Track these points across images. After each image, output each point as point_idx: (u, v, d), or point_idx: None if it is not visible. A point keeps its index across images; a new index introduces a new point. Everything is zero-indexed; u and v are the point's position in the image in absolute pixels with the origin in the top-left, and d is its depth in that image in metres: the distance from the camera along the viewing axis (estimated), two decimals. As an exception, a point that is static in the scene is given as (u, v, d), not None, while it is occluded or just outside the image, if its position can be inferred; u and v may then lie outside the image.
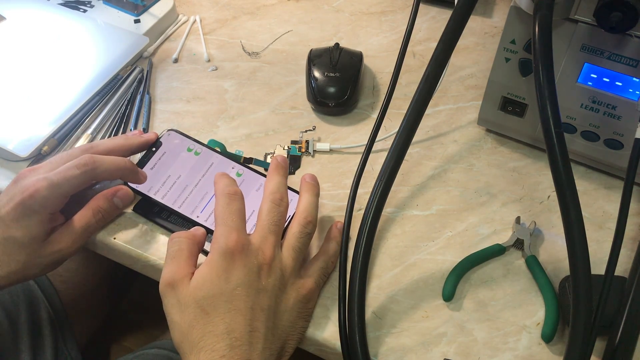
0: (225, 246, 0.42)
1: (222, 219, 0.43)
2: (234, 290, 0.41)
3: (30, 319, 0.66)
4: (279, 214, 0.46)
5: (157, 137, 0.55)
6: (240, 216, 0.44)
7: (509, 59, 0.52)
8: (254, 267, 0.42)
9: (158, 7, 0.72)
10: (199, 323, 0.40)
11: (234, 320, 0.40)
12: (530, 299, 0.48)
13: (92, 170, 0.47)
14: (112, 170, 0.48)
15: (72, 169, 0.46)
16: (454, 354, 0.45)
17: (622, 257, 0.45)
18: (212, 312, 0.40)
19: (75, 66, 0.65)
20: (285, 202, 0.47)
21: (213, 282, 0.41)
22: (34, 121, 0.59)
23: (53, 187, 0.46)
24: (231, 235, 0.42)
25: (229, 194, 0.45)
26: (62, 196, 0.47)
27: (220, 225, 0.43)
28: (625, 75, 0.48)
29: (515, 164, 0.58)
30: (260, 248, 0.43)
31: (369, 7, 0.76)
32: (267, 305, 0.42)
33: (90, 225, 0.49)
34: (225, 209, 0.44)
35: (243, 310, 0.40)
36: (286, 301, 0.44)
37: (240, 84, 0.66)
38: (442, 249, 0.52)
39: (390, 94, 0.53)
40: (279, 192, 0.47)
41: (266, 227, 0.45)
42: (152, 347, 0.68)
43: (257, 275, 0.42)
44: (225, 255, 0.41)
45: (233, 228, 0.43)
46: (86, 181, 0.47)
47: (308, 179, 0.50)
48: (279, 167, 0.49)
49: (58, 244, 0.48)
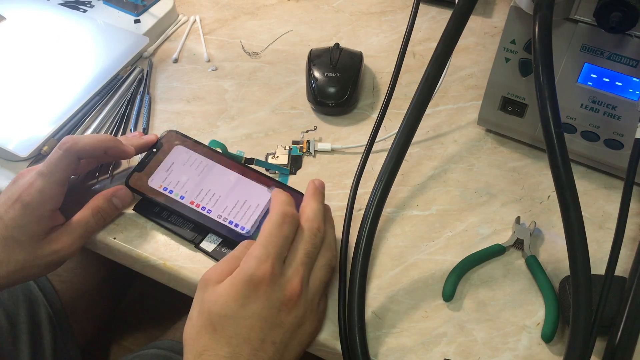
0: (255, 273, 0.40)
1: (266, 240, 0.41)
2: (247, 319, 0.39)
3: (29, 319, 0.66)
4: (314, 246, 0.43)
5: (157, 139, 0.55)
6: (284, 244, 0.42)
7: (509, 59, 0.52)
8: (277, 302, 0.40)
9: (158, 7, 0.72)
10: (206, 335, 0.40)
11: (240, 346, 0.39)
12: (530, 299, 0.48)
13: (73, 145, 0.47)
14: (94, 143, 0.48)
15: (56, 151, 0.47)
16: (454, 354, 0.45)
17: (622, 257, 0.45)
18: (220, 331, 0.39)
19: (75, 66, 0.65)
20: (322, 232, 0.44)
21: (229, 303, 0.40)
22: (34, 121, 0.59)
23: (44, 176, 0.46)
24: (265, 263, 0.40)
25: (286, 215, 0.42)
26: (56, 184, 0.47)
27: (260, 246, 0.41)
28: (625, 75, 0.48)
29: (515, 164, 0.58)
30: (290, 281, 0.41)
31: (369, 7, 0.76)
32: (279, 340, 0.40)
33: (89, 225, 0.49)
34: (274, 230, 0.42)
35: (253, 340, 0.39)
36: (301, 336, 0.42)
37: (240, 84, 0.66)
38: (442, 249, 0.52)
39: (390, 94, 0.53)
40: (317, 220, 0.44)
41: (299, 260, 0.42)
42: (152, 347, 0.68)
43: (277, 310, 0.40)
44: (250, 282, 0.40)
45: (270, 255, 0.40)
46: (72, 159, 0.47)
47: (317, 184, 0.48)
48: (317, 192, 0.46)
49: (57, 244, 0.48)
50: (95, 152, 0.49)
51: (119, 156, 0.52)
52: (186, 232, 0.51)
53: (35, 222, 0.46)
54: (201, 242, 0.51)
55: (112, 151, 0.50)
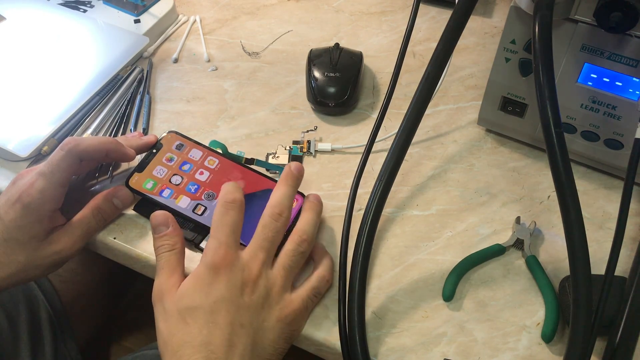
0: (212, 261, 0.42)
1: (215, 230, 0.44)
2: (214, 305, 0.41)
3: (29, 319, 0.66)
4: (274, 231, 0.45)
5: (156, 139, 0.55)
6: (232, 229, 0.43)
7: (509, 59, 0.52)
8: (238, 283, 0.42)
9: (158, 7, 0.72)
10: (179, 332, 0.40)
11: (211, 333, 0.40)
12: (530, 299, 0.48)
13: (75, 146, 0.47)
14: (96, 144, 0.48)
15: (57, 151, 0.47)
16: (454, 354, 0.45)
17: (622, 257, 0.45)
18: (192, 323, 0.40)
19: (75, 66, 0.65)
20: (284, 217, 0.45)
21: (195, 294, 0.41)
22: (34, 121, 0.59)
23: (45, 176, 0.46)
24: (219, 250, 0.42)
25: (226, 202, 0.44)
26: (57, 185, 0.47)
27: (212, 238, 0.43)
28: (625, 75, 0.48)
29: (515, 164, 0.58)
30: (248, 265, 0.43)
31: (369, 7, 0.76)
32: (247, 322, 0.42)
33: (90, 225, 0.49)
34: (220, 220, 0.44)
35: (222, 325, 0.40)
36: (268, 320, 0.43)
37: (240, 84, 0.66)
38: (442, 249, 0.52)
39: (390, 94, 0.53)
40: (280, 205, 0.45)
41: (258, 243, 0.44)
42: (152, 347, 0.68)
43: (240, 291, 0.42)
44: (210, 270, 0.42)
45: (222, 243, 0.43)
46: (73, 160, 0.47)
47: (312, 198, 0.50)
48: (289, 177, 0.47)
49: (57, 245, 0.48)
50: (97, 154, 0.49)
51: (120, 159, 0.52)
52: (186, 232, 0.51)
53: (36, 222, 0.46)
54: (201, 242, 0.51)
55: (113, 154, 0.50)
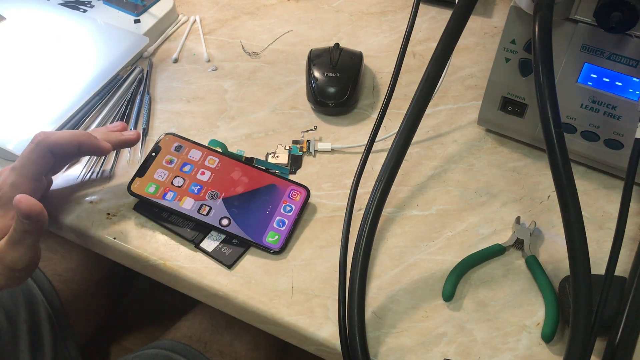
0: None
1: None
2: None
3: (29, 319, 0.66)
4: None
5: (138, 137, 0.53)
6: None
7: (509, 59, 0.52)
8: None
9: (158, 7, 0.72)
10: None
11: None
12: (530, 299, 0.48)
13: (44, 139, 0.47)
14: (67, 137, 0.48)
15: (28, 145, 0.47)
16: (454, 354, 0.45)
17: (622, 257, 0.45)
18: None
19: (75, 66, 0.65)
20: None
21: None
22: (34, 121, 0.59)
23: (16, 170, 0.46)
24: None
25: None
26: (28, 178, 0.46)
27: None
28: (625, 75, 0.48)
29: (515, 164, 0.58)
30: None
31: (369, 7, 0.76)
32: None
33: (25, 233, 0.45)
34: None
35: None
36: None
37: (240, 84, 0.66)
38: (442, 249, 0.52)
39: (390, 94, 0.53)
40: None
41: None
42: (152, 347, 0.68)
43: None
44: None
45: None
46: (44, 153, 0.47)
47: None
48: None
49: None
50: (67, 147, 0.48)
51: (93, 152, 0.50)
52: (186, 232, 0.51)
53: (10, 219, 0.46)
54: (201, 241, 0.51)
55: (85, 147, 0.49)
